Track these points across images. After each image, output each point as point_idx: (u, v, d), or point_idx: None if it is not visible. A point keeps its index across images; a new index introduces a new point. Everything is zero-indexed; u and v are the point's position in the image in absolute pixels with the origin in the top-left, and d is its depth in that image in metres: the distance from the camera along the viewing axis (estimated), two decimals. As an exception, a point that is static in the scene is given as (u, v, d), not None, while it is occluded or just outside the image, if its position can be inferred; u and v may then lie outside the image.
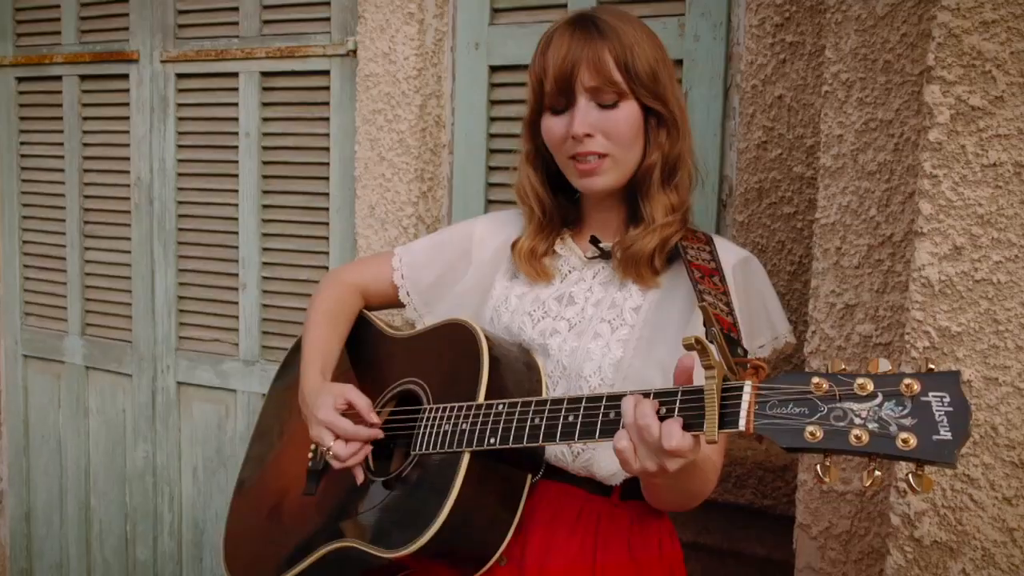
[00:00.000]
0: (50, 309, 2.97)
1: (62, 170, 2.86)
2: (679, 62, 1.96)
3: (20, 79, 2.92)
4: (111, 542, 2.94)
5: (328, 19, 2.39)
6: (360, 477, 1.39)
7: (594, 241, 1.40)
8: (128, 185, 2.73)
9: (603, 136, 1.31)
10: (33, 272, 2.99)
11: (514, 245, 1.47)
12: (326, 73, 2.40)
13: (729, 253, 1.33)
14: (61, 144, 2.85)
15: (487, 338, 1.32)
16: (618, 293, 1.36)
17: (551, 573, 1.29)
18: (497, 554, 1.28)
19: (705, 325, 1.06)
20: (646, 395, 1.07)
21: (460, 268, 1.55)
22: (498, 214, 1.61)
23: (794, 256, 1.82)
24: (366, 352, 1.60)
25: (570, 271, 1.43)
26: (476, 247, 1.54)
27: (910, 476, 0.90)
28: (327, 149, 2.42)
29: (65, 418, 2.98)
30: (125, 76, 2.69)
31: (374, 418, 1.35)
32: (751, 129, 1.87)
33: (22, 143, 2.95)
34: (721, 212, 1.97)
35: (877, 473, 0.92)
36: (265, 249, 2.55)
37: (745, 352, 1.13)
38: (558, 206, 1.45)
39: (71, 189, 2.84)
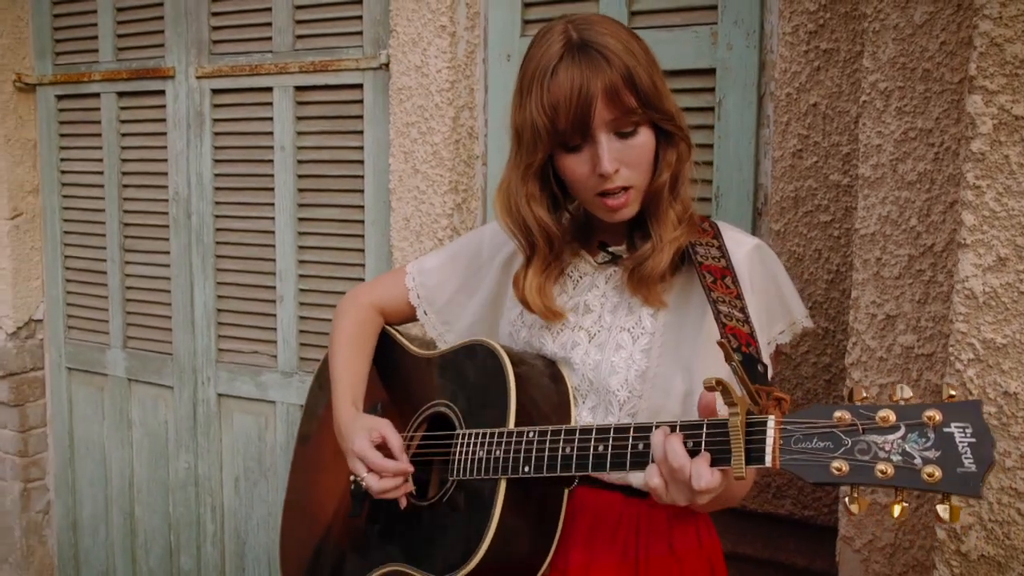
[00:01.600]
0: (92, 322, 3.02)
1: (101, 186, 2.91)
2: (711, 71, 1.96)
3: (60, 97, 2.97)
4: (156, 552, 2.99)
5: (360, 33, 2.41)
6: (403, 502, 1.42)
7: (603, 246, 1.38)
8: (166, 200, 2.77)
9: (625, 167, 1.26)
10: (75, 286, 3.05)
11: (516, 281, 1.40)
12: (359, 87, 2.42)
13: (739, 244, 1.32)
14: (100, 160, 2.90)
15: (511, 358, 1.33)
16: (633, 298, 1.35)
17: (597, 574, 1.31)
18: (543, 568, 1.30)
19: (726, 361, 1.06)
20: (672, 427, 1.07)
21: (473, 283, 1.55)
22: None
23: (831, 264, 1.80)
24: (393, 372, 1.62)
25: (581, 277, 1.41)
26: (486, 259, 1.54)
27: (938, 508, 0.91)
28: (361, 162, 2.44)
29: (109, 430, 3.03)
30: (161, 92, 2.73)
31: (405, 461, 1.38)
32: (786, 137, 1.86)
33: (62, 159, 3.01)
34: (756, 221, 1.96)
35: (904, 504, 0.93)
36: (301, 262, 2.57)
37: (765, 369, 1.14)
38: (565, 235, 1.38)
39: (110, 204, 2.89)
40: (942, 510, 0.90)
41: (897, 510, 0.93)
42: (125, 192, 2.87)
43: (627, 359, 1.31)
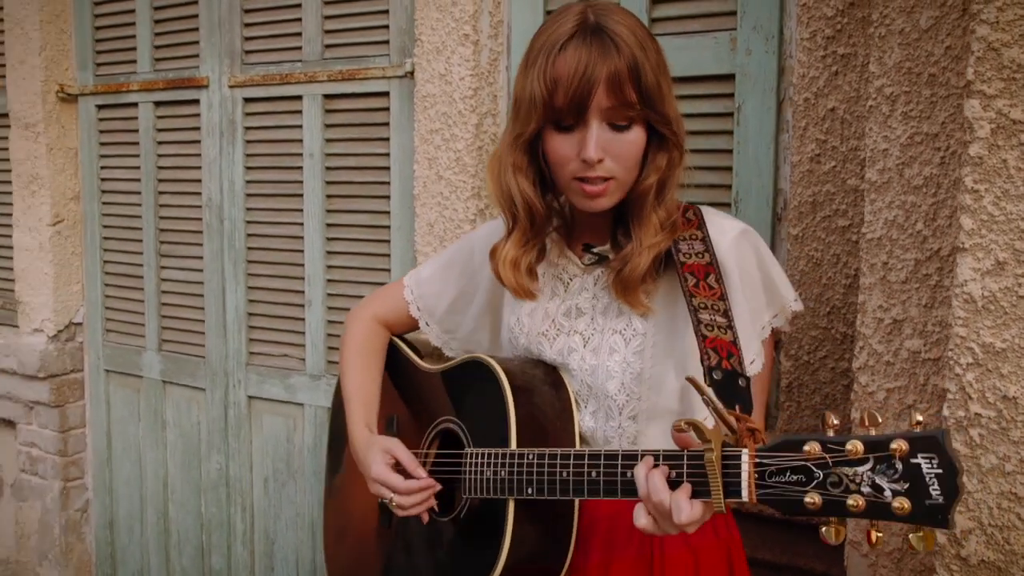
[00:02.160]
0: (129, 326, 3.10)
1: (138, 192, 2.99)
2: (731, 76, 1.96)
3: (100, 107, 3.06)
4: (188, 551, 3.05)
5: (387, 42, 2.45)
6: (425, 518, 1.44)
7: (588, 248, 1.38)
8: (200, 206, 2.84)
9: (611, 159, 1.25)
10: (113, 290, 3.13)
11: (493, 252, 1.40)
12: (385, 95, 2.46)
13: (723, 232, 1.31)
14: (137, 168, 2.98)
15: (508, 374, 1.34)
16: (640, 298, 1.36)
17: (616, 573, 1.33)
18: (563, 569, 1.33)
19: (700, 394, 1.07)
20: (656, 458, 1.10)
21: (469, 290, 1.57)
22: (493, 224, 1.57)
23: (849, 269, 1.80)
24: (405, 385, 1.65)
25: (571, 279, 1.42)
26: (478, 266, 1.55)
27: (911, 536, 0.91)
28: (387, 168, 2.48)
29: (144, 430, 3.11)
30: (196, 101, 2.80)
31: (421, 473, 1.40)
32: (804, 142, 1.86)
33: (102, 167, 3.10)
34: (776, 226, 1.96)
35: (879, 534, 0.93)
36: (329, 267, 2.62)
37: (747, 382, 1.15)
38: (548, 215, 1.38)
39: (147, 211, 2.97)
40: (915, 539, 0.91)
41: (874, 537, 0.94)
42: (161, 199, 2.95)
43: (621, 363, 1.32)
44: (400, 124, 2.44)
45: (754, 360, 1.32)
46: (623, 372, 1.31)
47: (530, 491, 1.25)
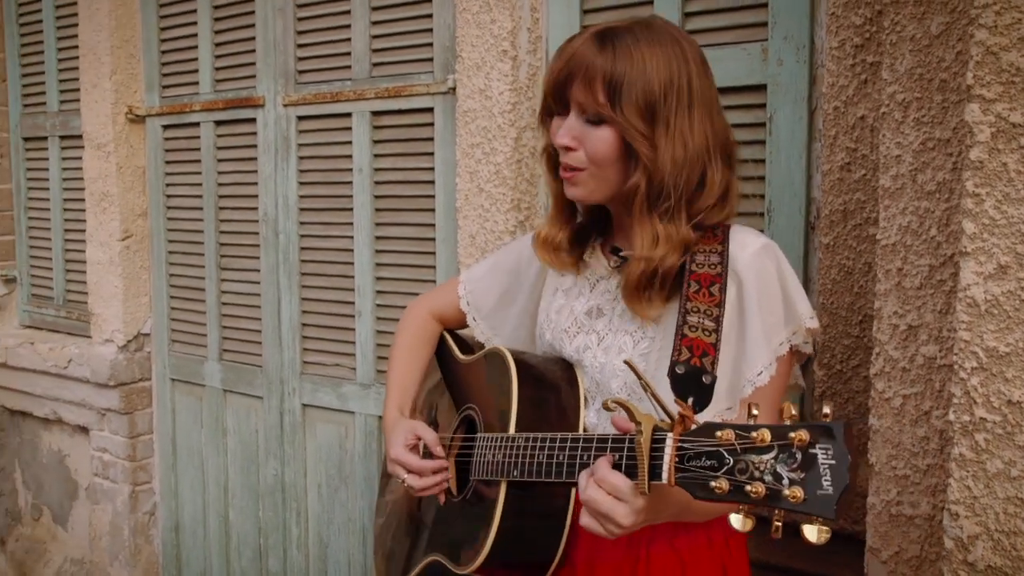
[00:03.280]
0: (192, 336, 3.23)
1: (200, 208, 3.12)
2: (762, 87, 1.98)
3: (165, 127, 3.21)
4: (247, 554, 3.15)
5: (431, 59, 2.52)
6: (442, 498, 1.53)
7: (615, 251, 1.44)
8: (257, 221, 2.95)
9: (584, 151, 1.33)
10: (177, 302, 3.27)
11: (537, 234, 1.51)
12: (430, 110, 2.53)
13: (744, 247, 1.33)
14: (199, 184, 3.11)
15: (520, 365, 1.40)
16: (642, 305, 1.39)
17: (600, 571, 1.36)
18: (553, 565, 1.36)
19: (638, 377, 1.11)
20: (604, 441, 1.15)
21: (514, 290, 1.64)
22: None
23: (880, 277, 1.79)
24: (446, 375, 1.74)
25: (598, 281, 1.48)
26: (525, 267, 1.62)
27: (804, 527, 0.92)
28: (432, 182, 2.55)
29: (206, 437, 3.23)
30: (252, 120, 2.92)
31: (439, 451, 1.49)
32: (834, 151, 1.86)
33: (167, 184, 3.24)
34: (809, 235, 1.96)
35: (778, 524, 0.94)
36: (378, 278, 2.70)
37: (713, 380, 1.17)
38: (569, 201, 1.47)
39: (208, 225, 3.09)
40: (808, 529, 0.92)
41: (774, 527, 0.95)
42: (221, 214, 3.07)
43: None
44: (444, 139, 2.51)
45: (762, 372, 1.32)
46: (627, 373, 1.35)
47: (515, 473, 1.30)
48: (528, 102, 2.32)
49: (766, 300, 1.33)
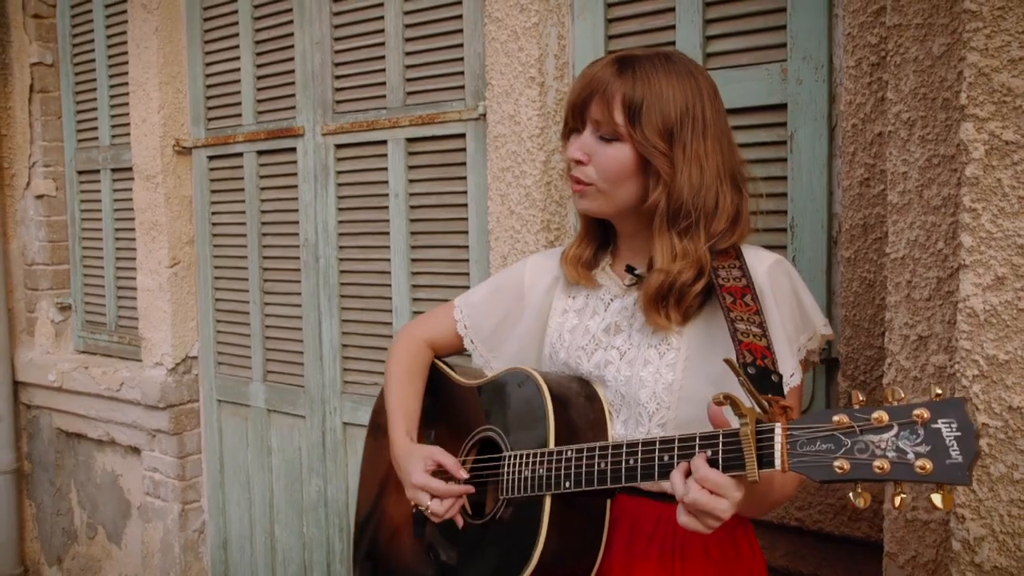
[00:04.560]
0: (237, 358, 3.34)
1: (244, 235, 3.24)
2: (783, 106, 2.03)
3: (210, 157, 3.34)
4: (292, 569, 3.24)
5: (462, 87, 2.61)
6: (460, 522, 1.54)
7: (629, 269, 1.49)
8: (298, 246, 3.06)
9: (595, 167, 1.42)
10: (223, 326, 3.39)
11: (565, 253, 1.59)
12: (462, 136, 2.62)
13: (759, 261, 1.41)
14: (243, 212, 3.23)
15: (547, 382, 1.45)
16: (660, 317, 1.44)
17: None
18: (594, 570, 1.41)
19: (736, 376, 1.16)
20: (691, 438, 1.18)
21: (516, 313, 1.67)
22: (545, 253, 1.72)
23: (900, 290, 1.83)
24: (444, 402, 1.76)
25: (612, 299, 1.53)
26: (528, 290, 1.66)
27: (932, 496, 0.97)
28: (465, 205, 2.63)
29: (252, 456, 3.33)
30: (293, 150, 3.03)
31: (463, 474, 1.51)
32: (853, 167, 1.90)
33: (212, 213, 3.37)
34: (832, 249, 2.00)
35: (903, 496, 1.00)
36: (415, 299, 2.78)
37: (780, 378, 1.22)
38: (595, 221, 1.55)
39: (252, 251, 3.21)
40: (936, 498, 0.98)
41: (897, 500, 1.01)
42: (264, 240, 3.19)
43: (654, 373, 1.41)
44: (475, 163, 2.59)
45: (793, 373, 1.39)
46: (655, 382, 1.40)
47: (568, 484, 1.35)
48: (555, 126, 2.39)
49: (785, 308, 1.40)
